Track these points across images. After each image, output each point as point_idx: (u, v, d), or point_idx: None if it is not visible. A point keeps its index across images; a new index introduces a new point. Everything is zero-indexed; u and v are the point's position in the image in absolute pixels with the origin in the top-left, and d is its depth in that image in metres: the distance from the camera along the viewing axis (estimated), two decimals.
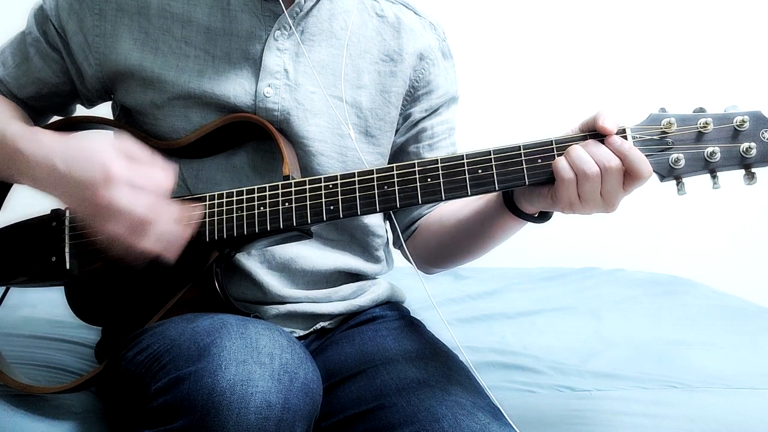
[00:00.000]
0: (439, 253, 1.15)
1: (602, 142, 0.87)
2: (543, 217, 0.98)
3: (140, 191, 0.87)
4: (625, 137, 0.87)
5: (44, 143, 0.93)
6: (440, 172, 0.91)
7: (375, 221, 1.15)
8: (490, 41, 2.37)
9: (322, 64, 1.08)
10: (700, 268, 2.30)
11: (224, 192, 0.98)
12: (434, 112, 1.17)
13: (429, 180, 0.91)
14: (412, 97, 1.15)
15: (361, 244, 1.15)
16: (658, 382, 1.26)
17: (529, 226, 1.01)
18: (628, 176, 0.86)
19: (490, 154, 0.90)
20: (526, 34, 2.41)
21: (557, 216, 0.97)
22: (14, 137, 0.96)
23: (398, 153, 1.17)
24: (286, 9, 1.04)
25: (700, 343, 1.46)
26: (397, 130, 1.16)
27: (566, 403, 1.22)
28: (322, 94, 1.06)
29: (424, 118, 1.16)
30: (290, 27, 1.05)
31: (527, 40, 2.41)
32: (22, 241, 1.07)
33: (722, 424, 1.16)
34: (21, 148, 0.94)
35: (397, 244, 1.21)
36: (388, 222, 1.20)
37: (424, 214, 1.18)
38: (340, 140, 1.08)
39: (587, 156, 0.86)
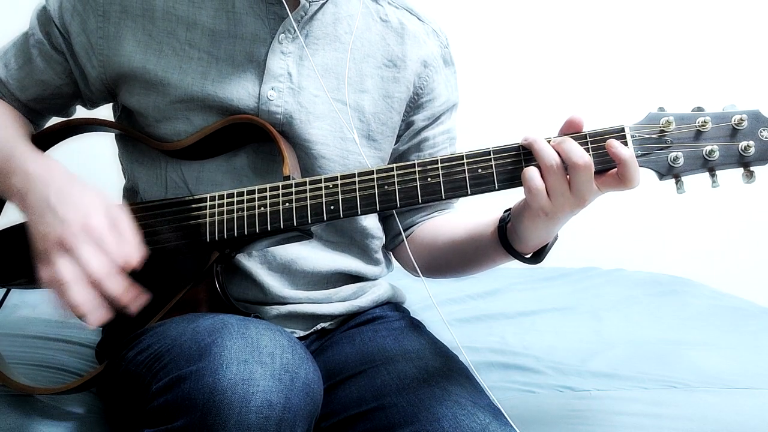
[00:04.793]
0: (429, 265, 1.16)
1: (595, 143, 0.88)
2: (536, 258, 0.99)
3: (102, 254, 0.84)
4: (624, 136, 0.87)
5: (51, 172, 0.92)
6: (440, 171, 0.91)
7: (373, 224, 1.16)
8: (491, 41, 2.37)
9: (325, 68, 1.08)
10: (700, 268, 2.30)
11: (225, 192, 0.98)
12: (436, 120, 1.17)
13: (429, 179, 0.92)
14: (415, 104, 1.15)
15: (360, 246, 1.15)
16: (658, 382, 1.26)
17: None
18: (617, 180, 0.86)
19: (490, 154, 0.90)
20: (526, 34, 2.41)
21: None
22: (24, 157, 0.95)
23: (399, 160, 1.17)
24: (291, 12, 1.04)
25: (700, 343, 1.46)
26: (399, 137, 1.16)
27: (566, 403, 1.22)
28: (326, 98, 1.06)
29: (426, 127, 1.17)
30: (294, 30, 1.05)
31: (527, 40, 2.42)
32: (24, 243, 1.07)
33: (722, 424, 1.16)
34: (29, 170, 0.93)
35: (390, 246, 1.21)
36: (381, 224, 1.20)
37: (417, 222, 1.19)
38: (342, 144, 1.08)
39: (548, 147, 0.87)
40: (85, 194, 0.89)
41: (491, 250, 1.04)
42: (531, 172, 0.87)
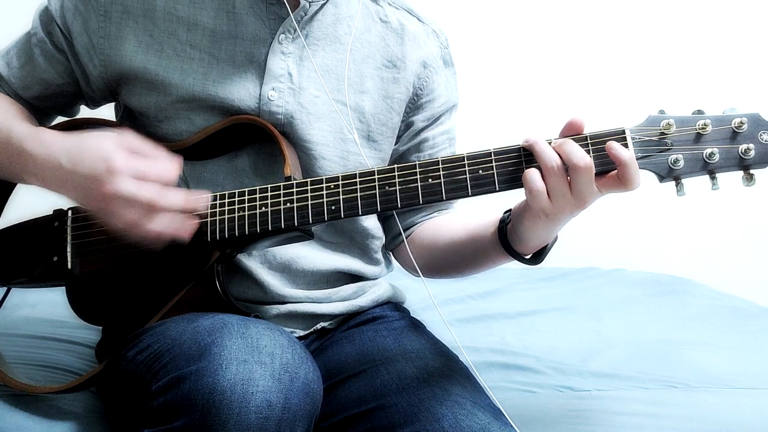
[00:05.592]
0: (429, 265, 1.16)
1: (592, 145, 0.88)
2: (536, 258, 0.99)
3: (143, 181, 0.89)
4: (625, 138, 0.87)
5: (49, 142, 0.94)
6: (441, 172, 0.91)
7: (374, 224, 1.16)
8: (491, 41, 2.37)
9: (325, 69, 1.08)
10: (700, 268, 2.30)
11: (226, 192, 0.98)
12: (436, 120, 1.18)
13: (430, 180, 0.92)
14: (414, 105, 1.15)
15: (360, 246, 1.15)
16: (658, 382, 1.26)
17: None
18: (617, 182, 0.87)
19: (491, 155, 0.90)
20: (526, 35, 2.41)
21: None
22: (20, 137, 0.97)
23: (399, 161, 1.17)
24: (291, 13, 1.04)
25: (700, 343, 1.46)
26: (399, 138, 1.16)
27: (566, 403, 1.22)
28: (326, 98, 1.07)
29: (425, 127, 1.17)
30: (294, 30, 1.05)
31: (528, 41, 2.42)
32: (24, 242, 1.07)
33: (722, 424, 1.16)
34: (27, 149, 0.95)
35: (389, 246, 1.21)
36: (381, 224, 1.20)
37: (417, 223, 1.19)
38: (342, 144, 1.08)
39: (549, 149, 0.87)
40: (90, 143, 0.92)
41: (491, 251, 1.04)
42: (532, 174, 0.87)
